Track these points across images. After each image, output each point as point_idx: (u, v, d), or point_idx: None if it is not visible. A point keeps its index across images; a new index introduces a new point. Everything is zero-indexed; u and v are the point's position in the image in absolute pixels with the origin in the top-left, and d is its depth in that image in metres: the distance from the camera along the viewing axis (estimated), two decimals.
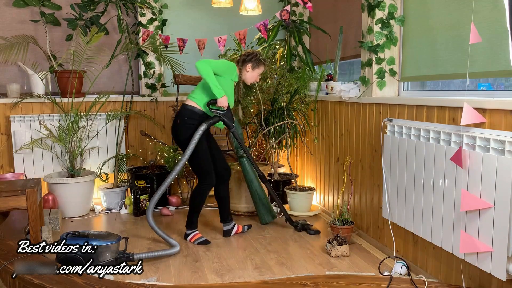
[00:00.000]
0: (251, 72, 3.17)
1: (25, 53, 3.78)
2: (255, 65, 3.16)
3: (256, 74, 3.20)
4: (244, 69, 3.16)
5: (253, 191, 3.52)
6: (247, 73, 3.17)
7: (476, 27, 2.00)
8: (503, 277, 1.85)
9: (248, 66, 3.15)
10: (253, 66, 3.16)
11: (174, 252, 2.87)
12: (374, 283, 2.31)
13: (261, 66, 3.19)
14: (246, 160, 3.53)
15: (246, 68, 3.16)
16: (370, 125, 3.01)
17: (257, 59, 3.15)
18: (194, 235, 3.15)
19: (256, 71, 3.18)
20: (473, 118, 2.01)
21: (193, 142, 2.91)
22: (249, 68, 3.16)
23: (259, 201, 3.51)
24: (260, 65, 3.18)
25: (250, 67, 3.15)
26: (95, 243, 2.54)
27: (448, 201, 2.15)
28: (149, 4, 4.12)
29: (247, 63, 3.15)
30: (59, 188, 3.68)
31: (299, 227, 3.37)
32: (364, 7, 3.02)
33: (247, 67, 3.15)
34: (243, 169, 3.55)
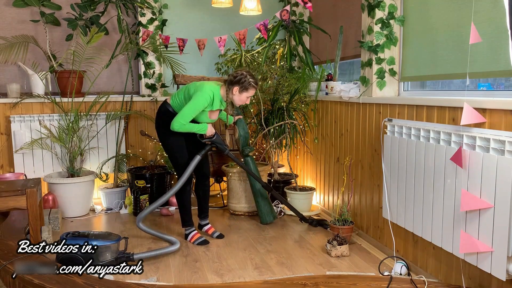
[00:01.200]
0: (238, 95, 2.89)
1: (25, 53, 3.78)
2: (242, 89, 2.87)
3: (245, 98, 2.92)
4: (231, 92, 2.90)
5: (255, 190, 3.51)
6: (234, 96, 2.90)
7: (476, 27, 2.00)
8: (503, 277, 1.85)
9: (234, 89, 2.87)
10: (241, 90, 2.87)
11: (173, 249, 2.87)
12: (374, 283, 2.31)
13: (250, 90, 2.89)
14: (250, 160, 3.53)
15: (232, 91, 2.89)
16: (370, 125, 3.01)
17: (246, 81, 2.85)
18: (193, 236, 3.15)
19: (244, 95, 2.90)
20: (473, 118, 2.01)
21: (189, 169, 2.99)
22: (236, 91, 2.88)
23: (261, 201, 3.51)
24: (249, 89, 2.88)
25: (237, 90, 2.87)
26: (95, 243, 2.54)
27: (448, 201, 2.15)
28: (149, 4, 4.12)
29: (234, 85, 2.87)
30: (59, 188, 3.68)
31: (314, 223, 3.44)
32: (364, 7, 3.02)
33: (233, 89, 2.88)
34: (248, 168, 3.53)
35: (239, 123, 3.50)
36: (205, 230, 3.34)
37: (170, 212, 3.88)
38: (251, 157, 3.55)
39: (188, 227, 3.19)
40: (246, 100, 2.95)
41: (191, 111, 2.84)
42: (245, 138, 3.54)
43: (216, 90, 2.90)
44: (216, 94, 2.90)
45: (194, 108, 2.84)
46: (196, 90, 2.89)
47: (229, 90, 2.91)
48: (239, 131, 3.51)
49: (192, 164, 3.01)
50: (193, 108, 2.84)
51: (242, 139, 3.52)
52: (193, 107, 2.84)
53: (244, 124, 3.55)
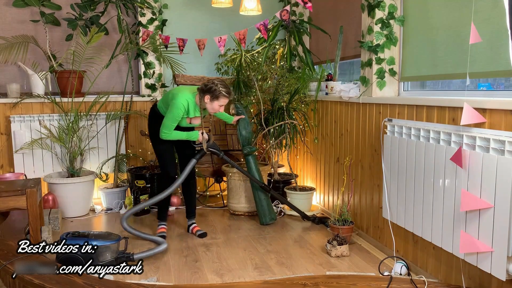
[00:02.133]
0: (210, 104, 2.96)
1: (25, 53, 3.78)
2: (213, 98, 2.93)
3: (217, 106, 2.97)
4: (203, 100, 2.97)
5: (255, 191, 3.52)
6: (206, 104, 2.97)
7: (476, 27, 2.00)
8: (503, 277, 1.85)
9: (206, 98, 2.94)
10: (212, 99, 2.94)
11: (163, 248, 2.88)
12: (374, 283, 2.31)
13: (222, 99, 2.95)
14: (251, 159, 3.52)
15: (204, 99, 2.96)
16: (370, 125, 3.01)
17: (216, 90, 2.91)
18: (159, 229, 3.28)
19: (215, 103, 2.95)
20: (473, 118, 2.01)
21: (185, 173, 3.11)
22: (207, 99, 2.95)
23: (259, 201, 3.51)
24: (220, 98, 2.94)
25: (208, 98, 2.94)
26: (95, 243, 2.54)
27: (448, 201, 2.15)
28: (149, 4, 4.12)
29: (205, 93, 2.94)
30: (59, 188, 3.68)
31: (317, 220, 3.49)
32: (364, 7, 3.02)
33: (205, 98, 2.95)
34: (248, 168, 3.53)
35: (240, 123, 3.51)
36: (191, 230, 3.36)
37: (170, 212, 3.88)
38: (253, 156, 3.55)
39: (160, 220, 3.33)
40: (218, 108, 3.01)
41: (170, 121, 2.96)
42: (246, 138, 3.54)
43: (190, 99, 2.99)
44: (190, 102, 2.98)
45: (172, 119, 2.96)
46: (172, 98, 2.99)
47: (201, 98, 2.99)
48: (240, 130, 3.52)
49: (187, 168, 3.13)
50: (171, 118, 2.96)
51: (242, 138, 3.53)
52: (171, 117, 2.95)
53: (247, 124, 3.55)
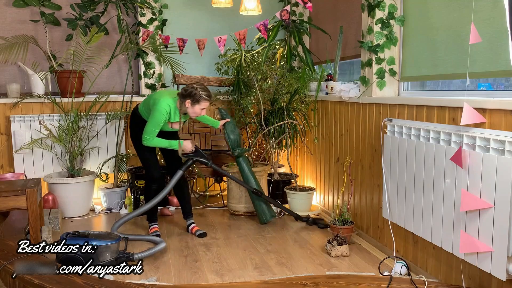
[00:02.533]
0: (191, 108, 2.98)
1: (25, 53, 3.78)
2: (194, 102, 2.95)
3: (198, 110, 2.99)
4: (183, 104, 2.98)
5: (249, 190, 3.52)
6: (187, 108, 2.99)
7: (476, 27, 2.00)
8: (503, 277, 1.85)
9: (187, 102, 2.96)
10: (193, 103, 2.96)
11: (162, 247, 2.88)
12: (374, 283, 2.31)
13: (203, 102, 2.97)
14: (242, 160, 3.53)
15: (185, 104, 2.97)
16: (370, 125, 3.01)
17: (196, 94, 2.93)
18: (151, 228, 3.31)
19: (196, 107, 2.97)
20: (473, 118, 2.01)
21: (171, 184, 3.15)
22: (188, 104, 2.96)
23: (256, 200, 3.50)
24: (201, 101, 2.96)
25: (189, 103, 2.96)
26: (95, 243, 2.54)
27: (448, 201, 2.15)
28: (149, 4, 4.12)
29: (186, 98, 2.96)
30: (59, 188, 3.68)
31: (310, 220, 3.51)
32: (364, 7, 3.02)
33: (185, 102, 2.96)
34: (240, 169, 3.55)
35: (227, 126, 3.52)
36: (190, 229, 3.37)
37: (170, 212, 3.88)
38: (244, 157, 3.56)
39: (150, 221, 3.35)
40: (200, 112, 3.02)
41: (153, 127, 2.98)
42: (235, 140, 3.54)
43: (172, 103, 3.00)
44: (172, 107, 2.99)
45: (155, 124, 2.97)
46: (154, 103, 2.99)
47: (182, 103, 2.99)
48: (228, 134, 3.53)
49: (173, 180, 3.15)
50: (154, 124, 2.97)
51: (231, 142, 3.54)
52: (154, 123, 2.97)
53: (234, 127, 3.56)
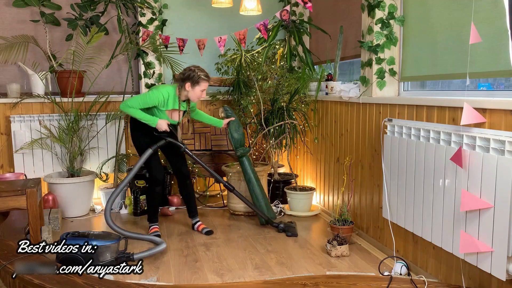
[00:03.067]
0: (192, 91, 3.02)
1: (25, 53, 3.78)
2: (194, 83, 3.00)
3: (199, 92, 3.03)
4: (183, 88, 3.02)
5: (250, 190, 3.51)
6: (188, 92, 3.03)
7: (476, 27, 2.00)
8: (503, 277, 1.85)
9: (187, 85, 3.01)
10: (193, 84, 3.00)
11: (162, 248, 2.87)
12: (374, 283, 2.31)
13: (202, 83, 3.01)
14: (245, 160, 3.52)
15: (185, 87, 3.01)
16: (370, 125, 3.01)
17: (194, 75, 2.98)
18: (152, 228, 3.30)
19: (197, 89, 3.02)
20: (473, 118, 2.01)
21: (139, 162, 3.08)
22: (188, 87, 3.01)
23: (256, 201, 3.49)
24: (200, 82, 3.00)
25: (189, 85, 3.01)
26: (95, 243, 2.54)
27: (448, 201, 2.15)
28: (149, 4, 4.12)
29: (185, 81, 3.01)
30: (59, 188, 3.68)
31: (280, 227, 3.33)
32: (364, 7, 3.02)
33: (185, 85, 3.01)
34: (242, 169, 3.54)
35: (231, 125, 3.48)
36: (196, 228, 3.39)
37: (170, 212, 3.88)
38: (247, 157, 3.52)
39: (151, 223, 3.33)
40: (201, 94, 3.06)
41: (140, 99, 3.01)
42: (238, 140, 3.49)
43: (171, 91, 3.04)
44: (171, 94, 3.03)
45: (143, 99, 3.01)
46: (153, 88, 3.10)
47: (182, 88, 3.03)
48: (232, 133, 3.48)
49: (142, 157, 3.08)
50: (143, 98, 3.01)
51: (234, 141, 3.49)
52: (144, 97, 3.01)
53: (238, 125, 3.50)
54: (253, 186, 3.49)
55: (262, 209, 3.48)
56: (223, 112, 3.57)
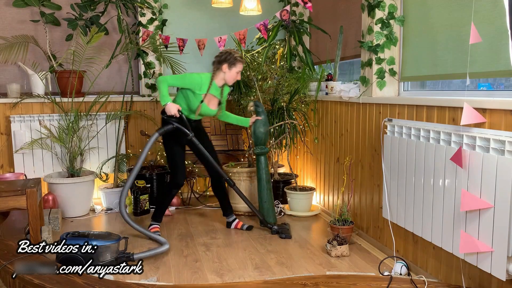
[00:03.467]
0: (229, 72, 3.10)
1: (25, 53, 3.78)
2: (231, 64, 3.08)
3: (235, 73, 3.11)
4: (221, 71, 3.10)
5: (260, 191, 3.42)
6: (225, 74, 3.10)
7: (476, 27, 2.00)
8: (503, 277, 1.85)
9: (224, 67, 3.08)
10: (230, 66, 3.08)
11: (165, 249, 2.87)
12: (374, 283, 2.31)
13: (238, 64, 3.10)
14: (262, 159, 3.40)
15: (222, 69, 3.09)
16: (370, 125, 3.01)
17: (231, 57, 3.07)
18: (153, 227, 3.29)
19: (233, 70, 3.10)
20: (473, 118, 2.01)
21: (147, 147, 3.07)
22: (225, 68, 3.08)
23: (261, 202, 3.43)
24: (236, 63, 3.09)
25: (227, 67, 3.08)
26: (95, 243, 2.54)
27: (448, 201, 2.15)
28: (149, 4, 4.12)
29: (222, 63, 3.08)
30: (59, 188, 3.68)
31: (273, 230, 3.29)
32: (364, 7, 3.02)
33: (223, 67, 3.08)
34: (256, 167, 3.44)
35: (257, 121, 3.37)
36: (234, 226, 3.42)
37: (169, 212, 3.88)
38: (265, 157, 3.42)
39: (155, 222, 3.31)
40: (236, 76, 3.14)
41: (179, 76, 3.15)
42: (259, 137, 3.37)
43: (207, 75, 3.13)
44: (206, 78, 3.10)
45: (182, 76, 3.13)
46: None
47: (218, 71, 3.10)
48: (255, 129, 3.36)
49: (149, 142, 3.07)
50: (182, 76, 3.14)
51: (254, 137, 3.39)
52: (183, 75, 3.15)
53: (263, 124, 3.37)
54: (262, 187, 3.41)
55: (263, 211, 3.42)
56: (252, 107, 3.45)
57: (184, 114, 3.12)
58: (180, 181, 3.22)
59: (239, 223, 3.43)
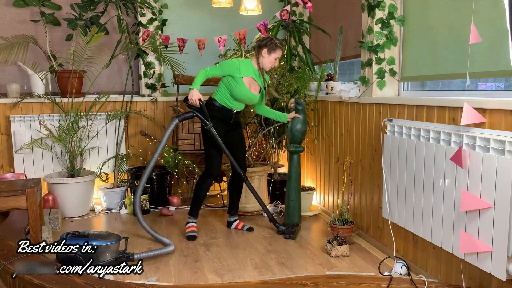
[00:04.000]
0: (268, 57, 3.10)
1: (25, 53, 3.78)
2: (271, 50, 3.09)
3: (273, 59, 3.13)
4: (260, 55, 3.11)
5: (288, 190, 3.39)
6: (264, 58, 3.11)
7: (476, 27, 2.00)
8: (503, 277, 1.85)
9: (264, 52, 3.09)
10: (269, 51, 3.09)
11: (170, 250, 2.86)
12: (374, 283, 2.31)
13: (278, 50, 3.12)
14: (295, 157, 3.37)
15: (262, 54, 3.10)
16: (370, 125, 3.01)
17: (272, 43, 3.08)
18: (188, 227, 3.26)
19: (272, 56, 3.11)
20: (473, 118, 2.01)
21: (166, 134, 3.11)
22: (265, 53, 3.09)
23: (287, 200, 3.39)
24: (276, 49, 3.11)
25: (266, 52, 3.09)
26: (95, 243, 2.54)
27: (448, 201, 2.15)
28: (149, 4, 4.12)
29: (263, 48, 3.09)
30: (59, 188, 3.68)
31: (280, 230, 3.27)
32: (364, 7, 3.02)
33: (262, 52, 3.10)
34: (289, 165, 3.41)
35: (294, 119, 3.33)
36: (235, 226, 3.43)
37: (170, 212, 3.88)
38: (298, 155, 3.38)
39: (191, 217, 3.30)
40: (274, 61, 3.14)
41: (218, 65, 3.13)
42: (295, 135, 3.33)
43: (244, 59, 3.16)
44: (244, 61, 3.12)
45: (221, 64, 3.11)
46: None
47: (258, 54, 3.12)
48: (292, 126, 3.32)
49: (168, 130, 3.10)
50: (221, 64, 3.12)
51: (290, 135, 3.35)
52: (219, 64, 3.14)
53: (301, 122, 3.32)
54: (291, 186, 3.36)
55: (289, 209, 3.36)
56: (293, 103, 3.41)
57: (227, 104, 3.14)
58: (214, 172, 3.21)
59: (240, 223, 3.44)
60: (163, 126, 4.35)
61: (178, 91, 4.10)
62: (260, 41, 3.13)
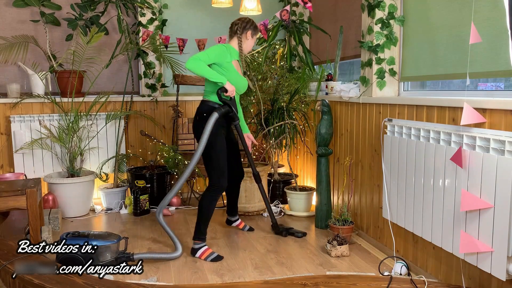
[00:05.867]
0: (251, 40, 3.04)
1: (25, 53, 3.78)
2: (253, 32, 3.04)
3: (253, 42, 3.08)
4: (245, 37, 3.01)
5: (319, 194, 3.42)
6: (248, 41, 3.03)
7: (476, 27, 2.00)
8: (503, 277, 1.85)
9: (248, 34, 3.01)
10: (252, 33, 3.03)
11: (174, 256, 2.82)
12: (374, 283, 2.31)
13: (257, 32, 3.09)
14: (323, 160, 3.39)
15: (246, 36, 3.01)
16: (370, 125, 3.01)
17: (254, 25, 3.03)
18: (204, 251, 2.83)
19: (254, 38, 3.07)
20: (473, 118, 2.01)
21: (206, 132, 2.74)
22: (249, 35, 3.02)
23: (319, 205, 3.41)
24: (257, 31, 3.07)
25: (250, 34, 3.02)
26: (95, 243, 2.54)
27: (448, 201, 2.15)
28: (149, 4, 4.12)
29: (247, 30, 3.00)
30: (59, 188, 3.68)
31: (284, 233, 3.25)
32: (364, 7, 3.02)
33: (247, 34, 3.01)
34: (317, 168, 3.43)
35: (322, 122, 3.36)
36: (236, 225, 3.44)
37: (170, 212, 3.88)
38: (326, 158, 3.40)
39: (200, 241, 2.87)
40: (252, 44, 3.07)
41: (204, 52, 2.78)
42: (323, 138, 3.36)
43: (227, 44, 2.98)
44: (228, 45, 2.96)
45: (206, 51, 2.78)
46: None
47: (242, 36, 2.99)
48: (320, 129, 3.34)
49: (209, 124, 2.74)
50: (206, 51, 2.79)
51: (319, 138, 3.37)
52: (206, 50, 2.80)
53: (327, 124, 3.36)
54: (322, 189, 3.39)
55: (320, 214, 3.39)
56: (319, 106, 3.42)
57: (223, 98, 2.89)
58: (223, 184, 2.87)
59: (241, 223, 3.43)
60: (163, 126, 4.35)
61: (178, 91, 4.10)
62: (245, 23, 2.99)
